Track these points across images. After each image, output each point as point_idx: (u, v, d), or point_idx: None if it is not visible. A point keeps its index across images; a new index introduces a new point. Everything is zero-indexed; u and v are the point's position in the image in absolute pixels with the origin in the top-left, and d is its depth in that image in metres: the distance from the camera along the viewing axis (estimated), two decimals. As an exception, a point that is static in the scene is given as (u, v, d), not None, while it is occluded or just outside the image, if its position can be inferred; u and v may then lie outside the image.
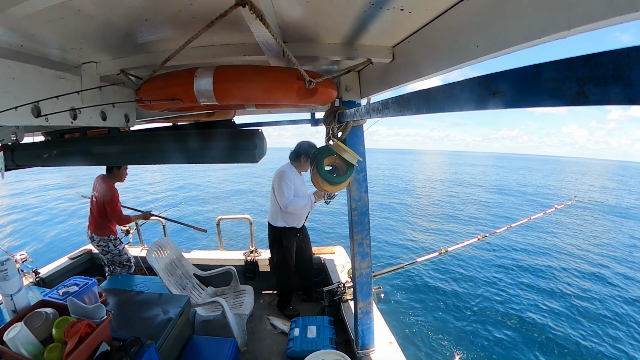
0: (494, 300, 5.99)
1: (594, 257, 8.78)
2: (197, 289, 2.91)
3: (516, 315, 5.48)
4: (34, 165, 2.16)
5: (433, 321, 5.30)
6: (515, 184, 26.77)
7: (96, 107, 1.51)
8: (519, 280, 6.95)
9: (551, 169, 60.37)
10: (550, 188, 24.87)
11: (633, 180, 42.97)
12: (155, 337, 1.65)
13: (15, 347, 1.23)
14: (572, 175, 45.89)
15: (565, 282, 6.97)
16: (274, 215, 3.06)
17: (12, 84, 1.12)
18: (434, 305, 5.83)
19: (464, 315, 5.50)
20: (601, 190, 25.78)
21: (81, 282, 1.84)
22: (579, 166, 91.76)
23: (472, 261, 7.88)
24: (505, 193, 21.01)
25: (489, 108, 0.50)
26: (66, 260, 3.72)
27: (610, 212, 15.74)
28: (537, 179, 31.37)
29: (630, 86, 0.29)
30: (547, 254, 8.80)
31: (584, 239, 10.56)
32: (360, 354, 2.23)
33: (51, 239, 10.65)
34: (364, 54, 1.44)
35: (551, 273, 7.45)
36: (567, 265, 7.99)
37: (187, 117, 2.25)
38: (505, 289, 6.51)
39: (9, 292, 1.52)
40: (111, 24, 1.11)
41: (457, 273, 7.18)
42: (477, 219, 13.21)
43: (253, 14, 0.86)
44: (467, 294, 6.24)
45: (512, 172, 42.00)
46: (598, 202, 17.61)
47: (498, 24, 0.82)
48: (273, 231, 3.10)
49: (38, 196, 18.08)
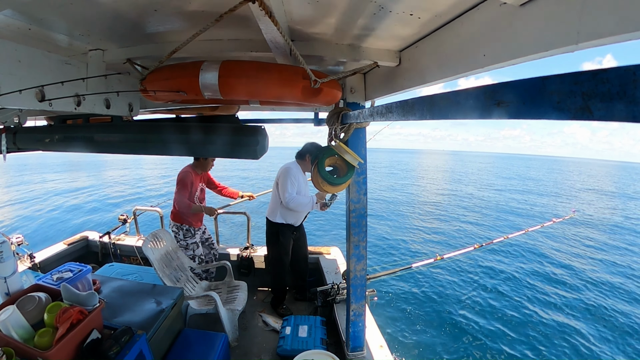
0: (488, 309, 5.99)
1: (594, 267, 8.78)
2: (191, 282, 2.91)
3: (511, 324, 5.48)
4: (35, 149, 2.16)
5: (426, 327, 5.30)
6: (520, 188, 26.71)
7: (100, 95, 1.51)
8: (514, 290, 6.94)
9: (552, 169, 59.47)
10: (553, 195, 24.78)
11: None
12: (147, 327, 1.66)
13: (6, 330, 1.23)
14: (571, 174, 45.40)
15: (559, 293, 6.97)
16: (273, 210, 3.06)
17: (18, 66, 1.12)
18: (427, 311, 5.83)
19: (458, 322, 5.49)
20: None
21: (76, 269, 1.85)
22: (580, 166, 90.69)
23: (468, 269, 7.87)
24: (506, 197, 20.95)
25: (493, 117, 0.50)
26: (62, 246, 3.72)
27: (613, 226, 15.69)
28: (539, 183, 31.31)
29: (635, 104, 0.29)
30: (543, 265, 8.80)
31: (583, 251, 10.56)
32: (351, 356, 2.23)
33: (49, 224, 10.66)
34: (371, 57, 1.45)
35: (547, 284, 7.45)
36: (563, 277, 7.99)
37: (190, 110, 2.24)
38: (500, 298, 6.51)
39: (3, 275, 1.52)
40: (120, 12, 1.11)
41: (452, 280, 7.18)
42: (474, 227, 13.20)
43: (262, 11, 0.86)
44: (461, 302, 6.23)
45: (513, 173, 41.94)
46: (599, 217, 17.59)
47: (507, 35, 0.82)
48: (270, 227, 3.10)
49: (39, 181, 18.08)
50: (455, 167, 57.11)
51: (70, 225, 10.89)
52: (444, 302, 6.19)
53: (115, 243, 3.84)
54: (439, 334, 5.12)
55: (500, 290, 6.89)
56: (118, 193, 17.23)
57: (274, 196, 3.05)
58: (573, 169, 70.18)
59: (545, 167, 69.82)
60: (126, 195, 15.64)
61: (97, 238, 3.93)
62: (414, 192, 23.31)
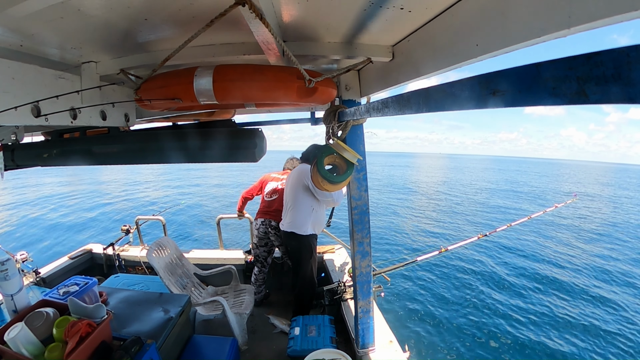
0: (495, 299, 6.00)
1: (596, 256, 8.79)
2: (198, 288, 2.92)
3: (518, 313, 5.49)
4: (34, 165, 2.16)
5: (434, 320, 5.30)
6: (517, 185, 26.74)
7: (96, 107, 1.51)
8: (520, 279, 6.96)
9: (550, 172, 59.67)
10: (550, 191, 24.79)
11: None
12: (156, 336, 1.66)
13: (16, 347, 1.23)
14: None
15: (564, 279, 6.98)
16: (302, 222, 2.76)
17: (12, 83, 1.12)
18: (434, 303, 5.84)
19: (465, 313, 5.50)
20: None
21: (81, 282, 1.85)
22: (577, 169, 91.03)
23: (473, 260, 7.89)
24: (504, 195, 21.00)
25: (489, 107, 0.50)
26: (66, 260, 3.72)
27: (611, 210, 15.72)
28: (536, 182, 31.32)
29: (630, 85, 0.29)
30: (547, 252, 8.81)
31: (586, 238, 10.57)
32: (361, 352, 2.24)
33: (52, 239, 10.65)
34: (364, 53, 1.44)
35: (552, 271, 7.46)
36: (566, 264, 8.00)
37: (187, 117, 2.25)
38: (506, 287, 6.53)
39: (9, 292, 1.52)
40: (111, 23, 1.11)
41: (457, 272, 7.19)
42: (476, 218, 13.22)
43: (253, 13, 0.86)
44: (468, 293, 6.25)
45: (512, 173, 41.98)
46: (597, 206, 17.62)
47: (498, 23, 0.82)
48: (302, 241, 2.79)
49: (38, 196, 18.08)
50: (452, 168, 57.03)
51: (73, 239, 10.90)
52: (450, 294, 6.20)
53: (120, 254, 3.84)
54: (448, 326, 5.13)
55: (506, 279, 6.91)
56: (120, 204, 17.24)
57: (303, 205, 2.75)
58: (569, 171, 69.95)
59: (542, 169, 69.39)
60: (128, 208, 15.66)
61: (101, 250, 3.93)
62: (414, 192, 23.32)
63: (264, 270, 3.37)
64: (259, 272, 3.35)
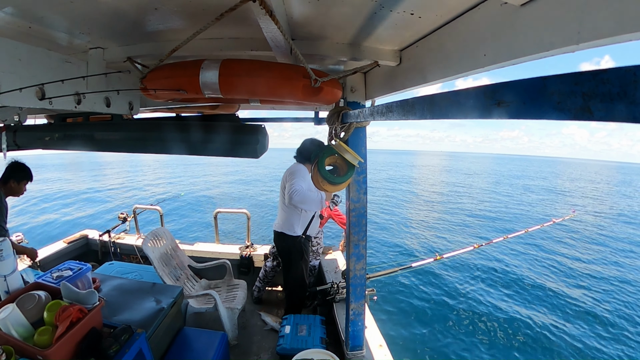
0: (487, 308, 5.99)
1: (591, 268, 8.78)
2: (191, 281, 2.92)
3: (509, 324, 5.49)
4: (35, 147, 2.16)
5: (425, 326, 5.31)
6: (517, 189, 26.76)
7: (101, 93, 1.51)
8: (512, 290, 6.95)
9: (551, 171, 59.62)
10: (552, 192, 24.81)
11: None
12: (146, 326, 1.66)
13: (6, 328, 1.23)
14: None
15: (558, 292, 6.98)
16: (290, 222, 2.76)
17: (18, 65, 1.12)
18: (426, 310, 5.84)
19: (456, 321, 5.50)
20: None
21: (75, 267, 1.85)
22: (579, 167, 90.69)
23: (467, 269, 7.88)
24: (505, 199, 20.99)
25: (493, 117, 0.50)
26: (62, 245, 3.72)
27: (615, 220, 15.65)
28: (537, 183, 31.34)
29: (636, 104, 0.29)
30: (542, 265, 8.80)
31: (582, 251, 10.56)
32: (350, 355, 2.23)
33: (48, 222, 10.66)
34: (371, 56, 1.44)
35: (544, 284, 7.45)
36: (562, 277, 8.00)
37: (190, 109, 2.24)
38: (499, 298, 6.52)
39: (2, 273, 1.52)
40: (121, 10, 1.11)
41: (451, 280, 7.19)
42: (474, 227, 13.21)
43: (263, 9, 0.86)
44: (461, 301, 6.24)
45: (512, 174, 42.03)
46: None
47: (507, 35, 0.82)
48: (290, 241, 2.78)
49: (38, 181, 18.08)
50: (453, 169, 57.08)
51: (70, 224, 10.90)
52: (443, 301, 6.20)
53: (115, 241, 3.85)
54: (439, 333, 5.13)
55: (500, 290, 6.91)
56: (118, 192, 17.24)
57: (289, 207, 2.72)
58: (572, 169, 70.00)
59: (547, 168, 69.58)
60: (126, 194, 15.64)
61: (97, 236, 3.94)
62: (413, 192, 23.32)
63: (277, 269, 3.32)
64: (271, 269, 3.31)
